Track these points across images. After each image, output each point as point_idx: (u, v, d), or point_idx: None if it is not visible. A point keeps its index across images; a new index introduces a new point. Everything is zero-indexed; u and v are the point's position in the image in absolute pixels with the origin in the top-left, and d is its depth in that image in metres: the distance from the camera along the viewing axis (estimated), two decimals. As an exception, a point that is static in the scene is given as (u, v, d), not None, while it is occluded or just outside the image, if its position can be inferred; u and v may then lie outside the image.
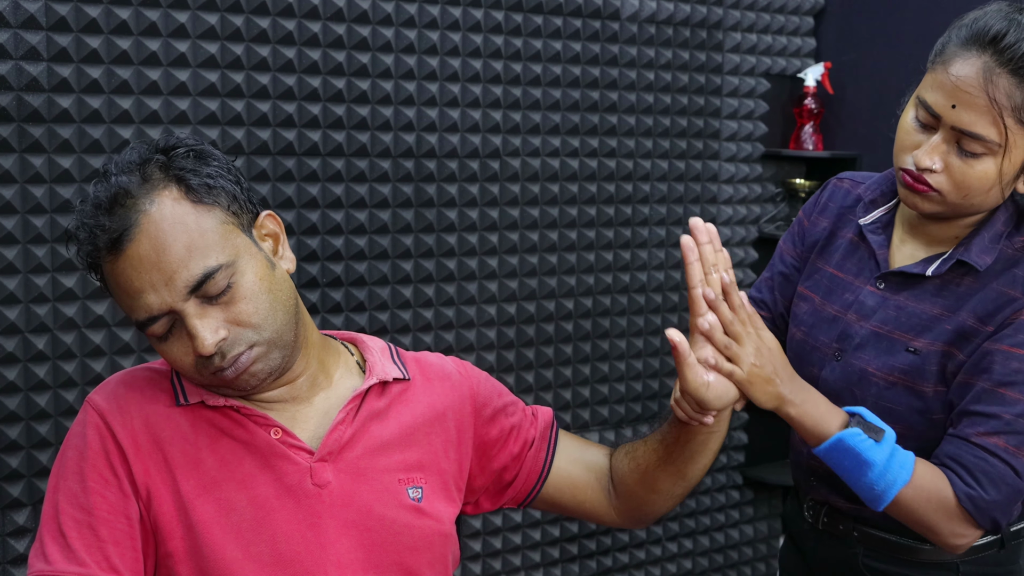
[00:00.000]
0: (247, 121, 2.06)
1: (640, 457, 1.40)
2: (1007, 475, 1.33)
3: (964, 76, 1.30)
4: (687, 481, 1.39)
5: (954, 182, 1.34)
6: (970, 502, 1.33)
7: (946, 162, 1.34)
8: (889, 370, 1.43)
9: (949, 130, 1.32)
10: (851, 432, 1.30)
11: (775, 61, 2.81)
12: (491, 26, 2.31)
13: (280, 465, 1.22)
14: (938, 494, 1.33)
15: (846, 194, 1.59)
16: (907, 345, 1.42)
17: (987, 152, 1.32)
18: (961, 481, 1.33)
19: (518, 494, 1.43)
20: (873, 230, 1.51)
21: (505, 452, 1.40)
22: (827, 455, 1.33)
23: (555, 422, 1.47)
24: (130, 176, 1.16)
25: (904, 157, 1.37)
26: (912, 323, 1.43)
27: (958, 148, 1.33)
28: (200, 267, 1.15)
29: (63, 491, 1.19)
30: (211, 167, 1.20)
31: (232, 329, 1.17)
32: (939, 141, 1.33)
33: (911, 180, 1.36)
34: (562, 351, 2.54)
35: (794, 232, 1.65)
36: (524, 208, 2.43)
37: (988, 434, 1.33)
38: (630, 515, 1.45)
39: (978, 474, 1.33)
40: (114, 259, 1.15)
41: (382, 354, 1.35)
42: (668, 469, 1.38)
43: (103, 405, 1.22)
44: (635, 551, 2.75)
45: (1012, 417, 1.33)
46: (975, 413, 1.35)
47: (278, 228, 1.27)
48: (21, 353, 1.89)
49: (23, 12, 1.80)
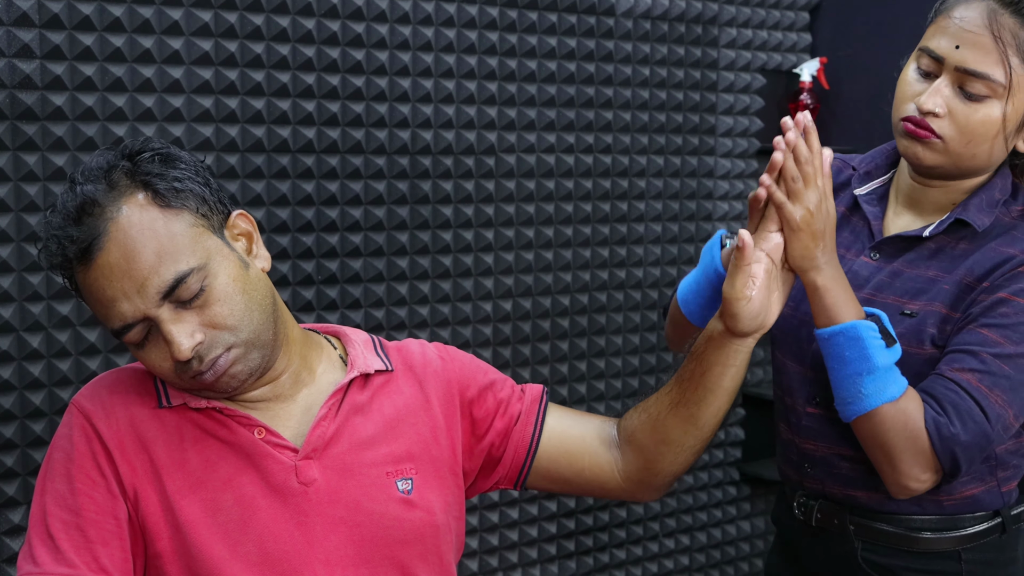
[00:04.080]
0: (241, 118, 2.05)
1: (652, 406, 1.36)
2: (974, 411, 1.30)
3: (968, 17, 1.30)
4: (699, 429, 1.33)
5: (958, 127, 1.33)
6: (935, 428, 1.29)
7: (950, 107, 1.32)
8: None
9: (953, 72, 1.31)
10: (866, 324, 1.29)
11: (770, 56, 2.81)
12: (486, 22, 2.31)
13: (265, 464, 1.21)
14: (912, 422, 1.30)
15: (837, 172, 1.55)
16: (900, 308, 1.39)
17: (991, 94, 1.31)
18: (930, 408, 1.31)
19: (510, 470, 1.39)
20: (868, 200, 1.48)
21: (494, 429, 1.37)
22: (833, 339, 1.31)
23: (545, 395, 1.42)
24: (96, 184, 1.15)
25: (905, 106, 1.36)
26: (907, 287, 1.41)
27: (962, 92, 1.32)
28: (171, 272, 1.14)
29: (50, 493, 1.19)
30: (178, 170, 1.19)
31: (208, 332, 1.16)
32: (943, 84, 1.32)
33: (913, 127, 1.34)
34: (558, 347, 2.54)
35: None
36: (519, 204, 2.43)
37: (962, 370, 1.31)
38: (639, 478, 1.38)
39: (947, 405, 1.30)
40: (85, 269, 1.15)
41: (365, 347, 1.34)
42: (680, 413, 1.33)
43: (88, 407, 1.22)
44: (632, 547, 2.75)
45: (989, 356, 1.31)
46: (955, 350, 1.34)
47: (251, 227, 1.26)
48: (16, 351, 1.89)
49: (16, 9, 1.79)
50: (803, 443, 1.50)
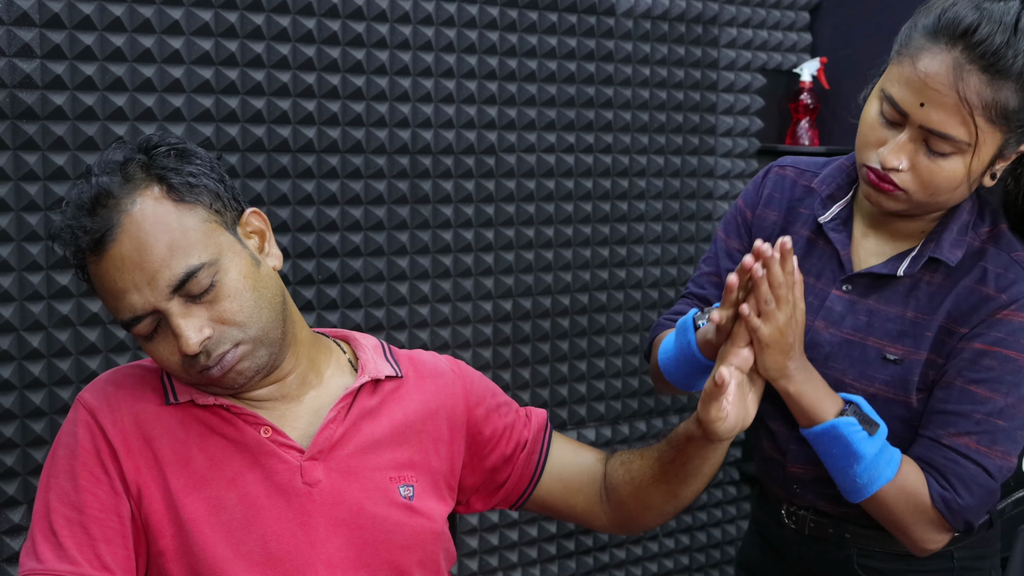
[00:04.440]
0: (242, 118, 2.05)
1: (635, 471, 1.40)
2: (979, 476, 1.30)
3: (933, 73, 1.22)
4: (679, 501, 1.39)
5: (921, 181, 1.27)
6: (944, 504, 1.30)
7: (913, 161, 1.27)
8: (869, 380, 1.38)
9: (917, 128, 1.25)
10: (846, 421, 1.28)
11: (771, 56, 2.81)
12: (486, 22, 2.31)
13: (270, 463, 1.21)
14: (916, 496, 1.31)
15: (792, 184, 1.51)
16: (883, 352, 1.37)
17: (956, 151, 1.25)
18: (936, 483, 1.31)
19: (509, 495, 1.43)
20: (834, 227, 1.43)
21: (497, 452, 1.39)
22: (817, 439, 1.31)
23: (549, 424, 1.46)
24: (111, 176, 1.16)
25: (868, 154, 1.30)
26: (886, 328, 1.37)
27: (926, 147, 1.26)
28: (182, 266, 1.14)
29: (54, 490, 1.19)
30: (193, 165, 1.19)
31: (217, 328, 1.17)
32: (906, 140, 1.26)
33: (876, 179, 1.29)
34: (558, 347, 2.54)
35: (737, 224, 1.56)
36: (520, 204, 2.43)
37: (958, 435, 1.30)
38: (620, 524, 1.44)
39: (950, 477, 1.30)
40: (97, 260, 1.15)
41: (375, 352, 1.35)
42: (661, 488, 1.37)
43: (93, 403, 1.22)
44: (632, 547, 2.75)
45: (982, 416, 1.30)
46: (946, 412, 1.32)
47: (263, 225, 1.26)
48: (16, 351, 1.89)
49: (16, 9, 1.79)
50: (791, 466, 1.48)
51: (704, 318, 1.37)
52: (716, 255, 1.57)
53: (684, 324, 1.41)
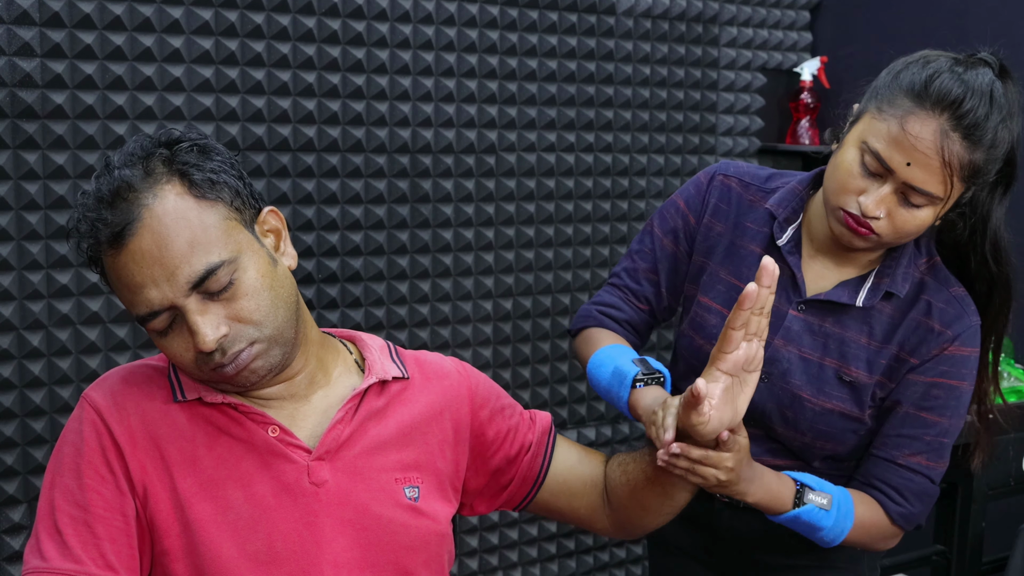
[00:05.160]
0: (242, 117, 2.05)
1: (631, 473, 1.41)
2: (928, 487, 1.48)
3: (922, 138, 1.33)
4: (674, 502, 1.40)
5: (894, 228, 1.38)
6: (902, 519, 1.48)
7: (889, 210, 1.37)
8: (827, 397, 1.49)
9: (900, 183, 1.35)
10: (806, 510, 1.42)
11: (771, 55, 2.81)
12: (486, 21, 2.31)
13: (277, 464, 1.21)
14: (876, 523, 1.47)
15: (739, 198, 1.57)
16: (838, 372, 1.49)
17: (929, 204, 1.37)
18: (892, 502, 1.47)
19: (513, 497, 1.43)
20: (789, 250, 1.52)
21: (501, 454, 1.39)
22: (784, 523, 1.44)
23: (553, 427, 1.46)
24: (133, 169, 1.15)
25: (846, 199, 1.39)
26: (842, 351, 1.49)
27: (903, 199, 1.37)
28: (203, 263, 1.14)
29: (59, 488, 1.18)
30: (215, 162, 1.19)
31: (233, 326, 1.16)
32: (888, 192, 1.36)
33: (854, 224, 1.39)
34: (558, 346, 2.54)
35: (675, 226, 1.61)
36: (520, 203, 2.43)
37: (912, 455, 1.47)
38: (622, 526, 1.45)
39: (906, 493, 1.47)
40: (115, 253, 1.14)
41: (381, 353, 1.35)
42: (655, 490, 1.39)
43: (100, 401, 1.21)
44: (632, 546, 2.75)
45: (932, 437, 1.47)
46: (900, 435, 1.48)
47: (280, 224, 1.26)
48: (16, 350, 1.88)
49: (16, 8, 1.79)
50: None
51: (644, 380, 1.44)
52: (653, 251, 1.63)
53: (621, 375, 1.47)
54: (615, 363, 1.49)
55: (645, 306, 1.63)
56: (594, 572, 2.69)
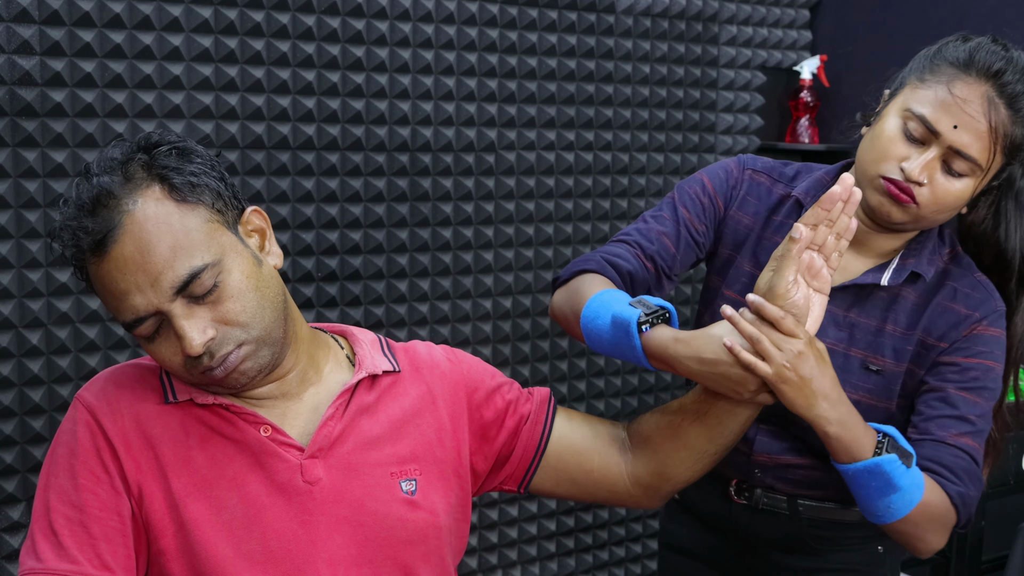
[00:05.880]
0: (241, 115, 2.05)
1: (673, 411, 1.37)
2: (975, 470, 1.42)
3: (970, 100, 1.34)
4: (724, 437, 1.35)
5: (935, 197, 1.38)
6: (960, 499, 1.39)
7: (931, 177, 1.37)
8: (853, 388, 1.46)
9: (945, 148, 1.35)
10: (888, 459, 1.32)
11: (771, 54, 2.81)
12: (486, 19, 2.31)
13: (270, 463, 1.21)
14: (938, 503, 1.37)
15: (767, 192, 1.56)
16: (864, 362, 1.47)
17: (970, 173, 1.37)
18: (949, 481, 1.39)
19: (518, 468, 1.39)
20: None
21: (505, 428, 1.38)
22: (857, 474, 1.34)
23: (553, 398, 1.44)
24: (112, 176, 1.15)
25: (889, 166, 1.39)
26: (867, 340, 1.47)
27: (946, 166, 1.37)
28: (186, 267, 1.13)
29: (54, 488, 1.18)
30: (194, 164, 1.18)
31: (220, 328, 1.16)
32: (933, 157, 1.36)
33: (896, 190, 1.38)
34: (557, 345, 2.54)
35: (702, 207, 1.57)
36: (520, 202, 2.43)
37: (960, 435, 1.42)
38: (648, 482, 1.39)
39: (960, 472, 1.40)
40: (99, 261, 1.14)
41: (372, 347, 1.34)
42: (708, 421, 1.35)
43: (93, 402, 1.21)
44: (631, 544, 2.75)
45: (975, 418, 1.43)
46: (943, 416, 1.43)
47: (264, 224, 1.26)
48: (15, 348, 1.88)
49: (15, 5, 1.79)
50: (755, 455, 1.54)
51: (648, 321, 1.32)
52: (676, 221, 1.56)
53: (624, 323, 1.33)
54: (611, 311, 1.35)
55: (651, 265, 1.53)
56: (594, 571, 2.70)
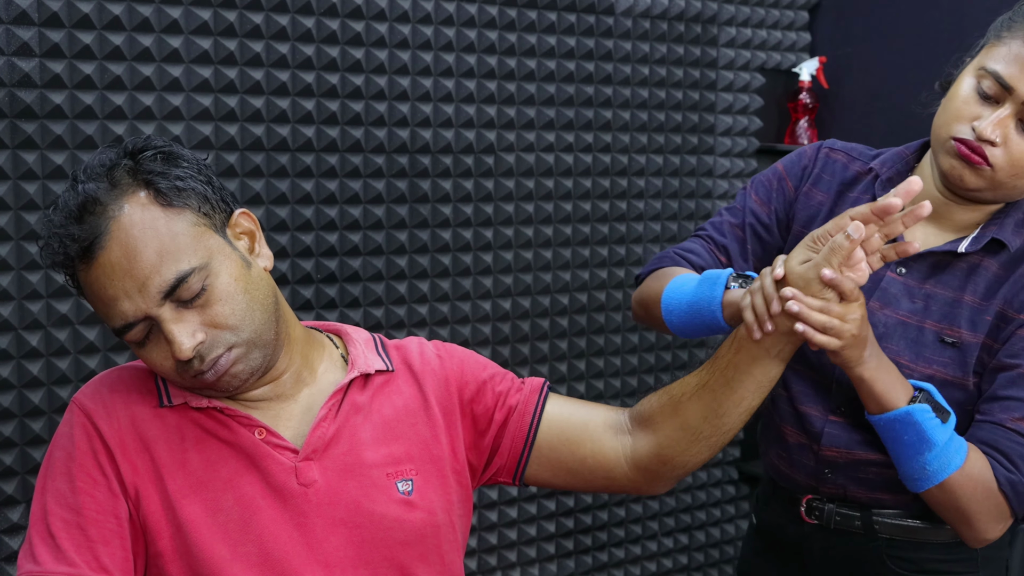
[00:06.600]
0: (240, 117, 2.05)
1: (675, 388, 1.33)
2: None
3: None
4: (719, 419, 1.30)
5: (1010, 158, 1.32)
6: (1010, 487, 1.32)
7: (1006, 137, 1.31)
8: (927, 363, 1.40)
9: (1019, 104, 1.30)
10: (920, 408, 1.29)
11: (770, 56, 2.81)
12: (485, 21, 2.31)
13: (265, 465, 1.21)
14: (984, 482, 1.31)
15: (843, 168, 1.52)
16: (939, 335, 1.40)
17: None
18: (1000, 466, 1.32)
19: (508, 459, 1.37)
20: None
21: (494, 422, 1.36)
22: (889, 424, 1.31)
23: (546, 385, 1.41)
24: (98, 182, 1.15)
25: (960, 126, 1.34)
26: (943, 312, 1.41)
27: (1020, 126, 1.31)
28: (172, 271, 1.14)
29: (51, 491, 1.18)
30: (180, 169, 1.18)
31: (210, 332, 1.16)
32: (1006, 115, 1.31)
33: (967, 151, 1.33)
34: (557, 346, 2.54)
35: (771, 188, 1.56)
36: (518, 203, 2.43)
37: (1021, 419, 1.33)
38: (647, 465, 1.35)
39: (1015, 458, 1.32)
40: (87, 268, 1.15)
41: (366, 346, 1.34)
42: (704, 397, 1.30)
43: (89, 405, 1.21)
44: (631, 546, 2.75)
45: None
46: (1008, 398, 1.35)
47: (253, 226, 1.25)
48: (15, 350, 1.89)
49: (15, 7, 1.79)
50: (824, 450, 1.48)
51: (739, 281, 1.33)
52: (744, 211, 1.56)
53: (714, 277, 1.36)
54: (704, 275, 1.37)
55: (724, 258, 1.54)
56: (593, 572, 2.70)
